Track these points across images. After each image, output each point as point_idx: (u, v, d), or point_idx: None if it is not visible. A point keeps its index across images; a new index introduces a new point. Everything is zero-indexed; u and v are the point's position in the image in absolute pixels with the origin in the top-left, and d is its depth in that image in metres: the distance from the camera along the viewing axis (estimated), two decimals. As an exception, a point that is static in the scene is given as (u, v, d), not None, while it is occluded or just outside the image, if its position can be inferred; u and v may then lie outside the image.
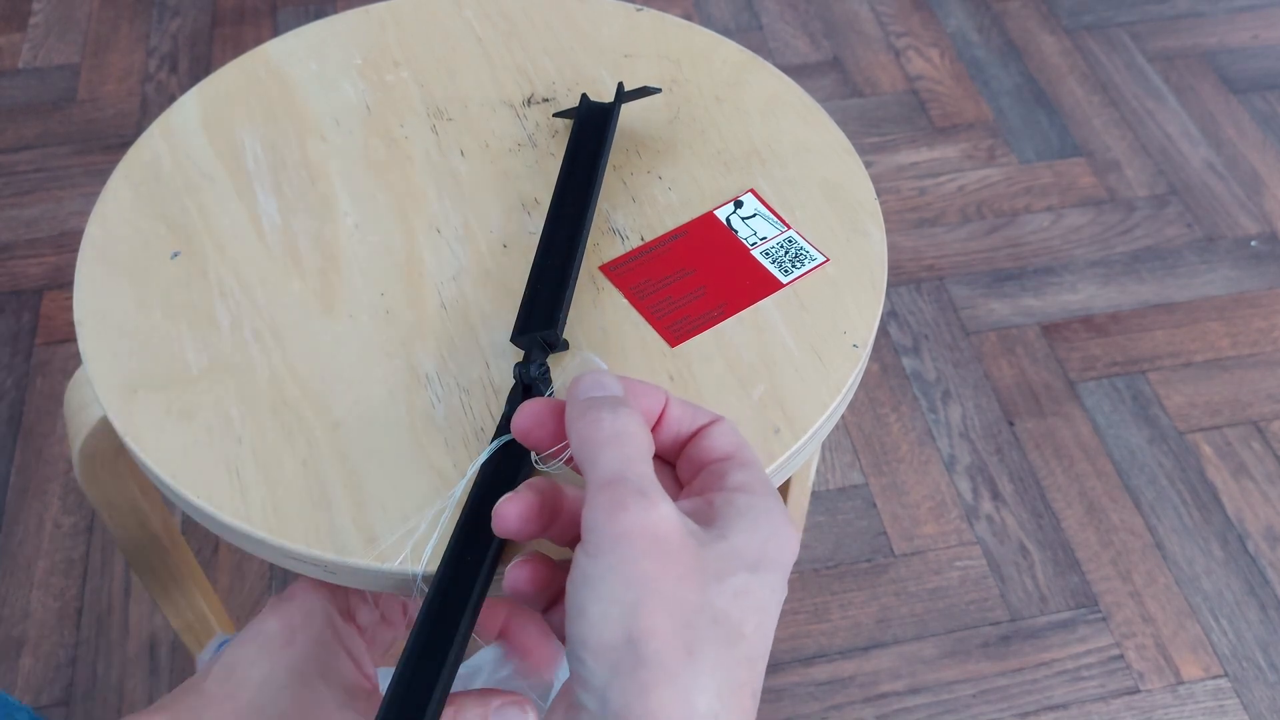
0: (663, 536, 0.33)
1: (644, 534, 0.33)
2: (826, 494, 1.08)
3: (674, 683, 0.32)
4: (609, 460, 0.35)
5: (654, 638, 0.32)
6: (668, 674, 0.32)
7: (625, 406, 0.37)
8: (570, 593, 0.33)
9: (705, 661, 0.33)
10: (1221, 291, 1.24)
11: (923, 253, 1.27)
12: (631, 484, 0.34)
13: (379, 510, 0.49)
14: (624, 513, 0.33)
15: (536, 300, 0.54)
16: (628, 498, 0.34)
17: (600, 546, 0.33)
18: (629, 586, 0.32)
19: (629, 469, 0.35)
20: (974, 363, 1.18)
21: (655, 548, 0.33)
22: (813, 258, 0.59)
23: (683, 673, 0.32)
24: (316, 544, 0.48)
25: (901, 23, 1.55)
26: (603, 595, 0.32)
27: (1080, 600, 1.01)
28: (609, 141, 0.61)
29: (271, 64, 0.69)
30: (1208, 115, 1.43)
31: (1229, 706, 0.95)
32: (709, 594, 0.33)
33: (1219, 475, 1.09)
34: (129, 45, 1.53)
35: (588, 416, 0.37)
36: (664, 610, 0.32)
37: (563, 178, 0.60)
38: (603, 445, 0.35)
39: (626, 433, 0.36)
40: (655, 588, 0.33)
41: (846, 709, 0.95)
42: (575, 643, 0.33)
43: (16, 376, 1.16)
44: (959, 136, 1.40)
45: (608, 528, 0.33)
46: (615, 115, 0.63)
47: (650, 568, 0.33)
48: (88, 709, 0.94)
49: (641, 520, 0.33)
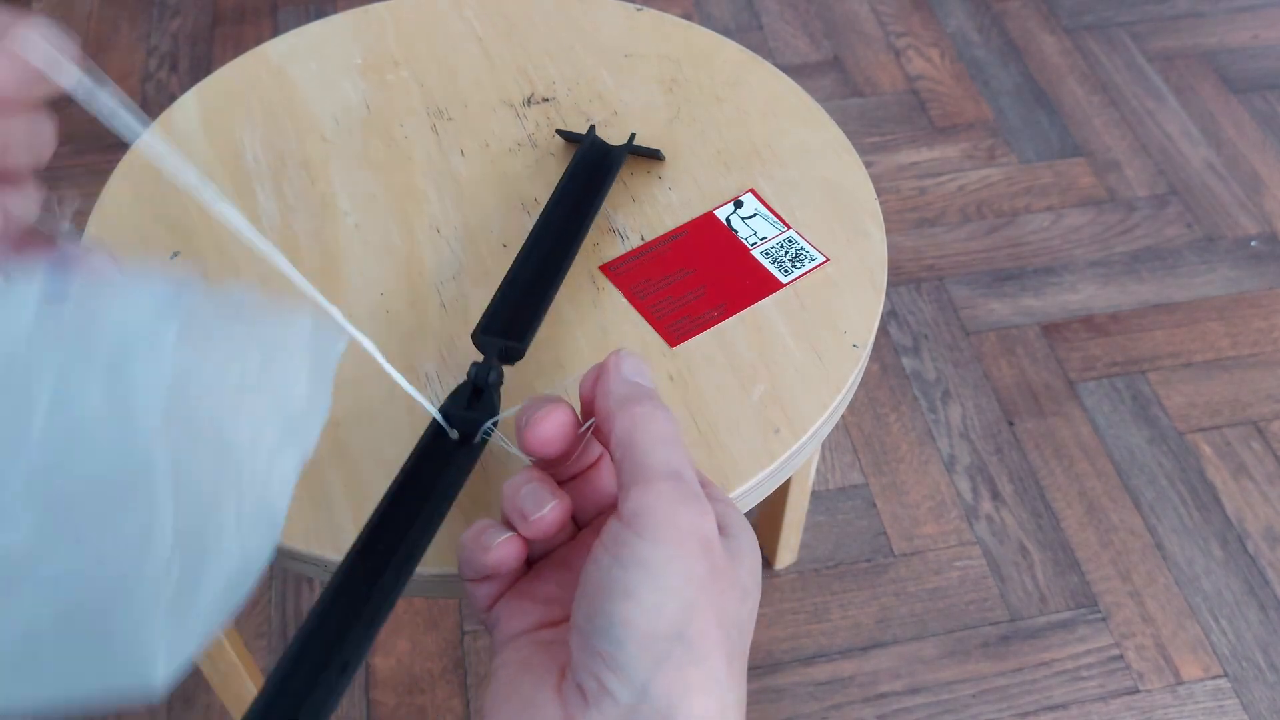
0: (714, 545, 0.34)
1: (701, 537, 0.33)
2: (826, 494, 1.08)
3: (717, 687, 0.32)
4: (668, 456, 0.35)
5: (705, 639, 0.32)
6: (714, 678, 0.32)
7: (668, 409, 0.37)
8: (616, 572, 0.32)
9: (737, 671, 0.33)
10: (1221, 291, 1.24)
11: (923, 253, 1.27)
12: (691, 485, 0.34)
13: (379, 510, 0.49)
14: (687, 509, 0.33)
15: (505, 305, 0.53)
16: (690, 496, 0.34)
17: (660, 535, 0.33)
18: (688, 582, 0.32)
19: (686, 471, 0.35)
20: (974, 363, 1.18)
21: (709, 554, 0.33)
22: (813, 258, 0.59)
23: (723, 678, 0.32)
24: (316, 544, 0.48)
25: (901, 23, 1.55)
26: (661, 585, 0.32)
27: (1080, 600, 1.01)
28: (605, 188, 0.60)
29: (271, 64, 0.69)
30: (1208, 115, 1.43)
31: (1229, 706, 0.95)
32: (740, 606, 0.34)
33: (1219, 475, 1.09)
34: (129, 45, 1.53)
35: (646, 404, 0.36)
36: (715, 615, 0.33)
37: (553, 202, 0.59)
38: (663, 439, 0.35)
39: (677, 436, 0.36)
40: (709, 593, 0.33)
41: (846, 709, 0.95)
42: (616, 624, 0.32)
43: (16, 376, 1.16)
44: (959, 136, 1.40)
45: (671, 518, 0.33)
46: (618, 164, 0.62)
47: (706, 571, 0.33)
48: (88, 709, 0.94)
49: (701, 523, 0.33)
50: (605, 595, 0.32)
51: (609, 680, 0.32)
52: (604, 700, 0.32)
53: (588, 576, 0.34)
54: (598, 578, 0.33)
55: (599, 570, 0.33)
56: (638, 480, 0.34)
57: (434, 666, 0.96)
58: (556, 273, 0.54)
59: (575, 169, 0.61)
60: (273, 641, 0.98)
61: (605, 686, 0.32)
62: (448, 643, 0.97)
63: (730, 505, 0.38)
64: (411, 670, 0.96)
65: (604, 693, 0.32)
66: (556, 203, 0.58)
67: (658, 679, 0.31)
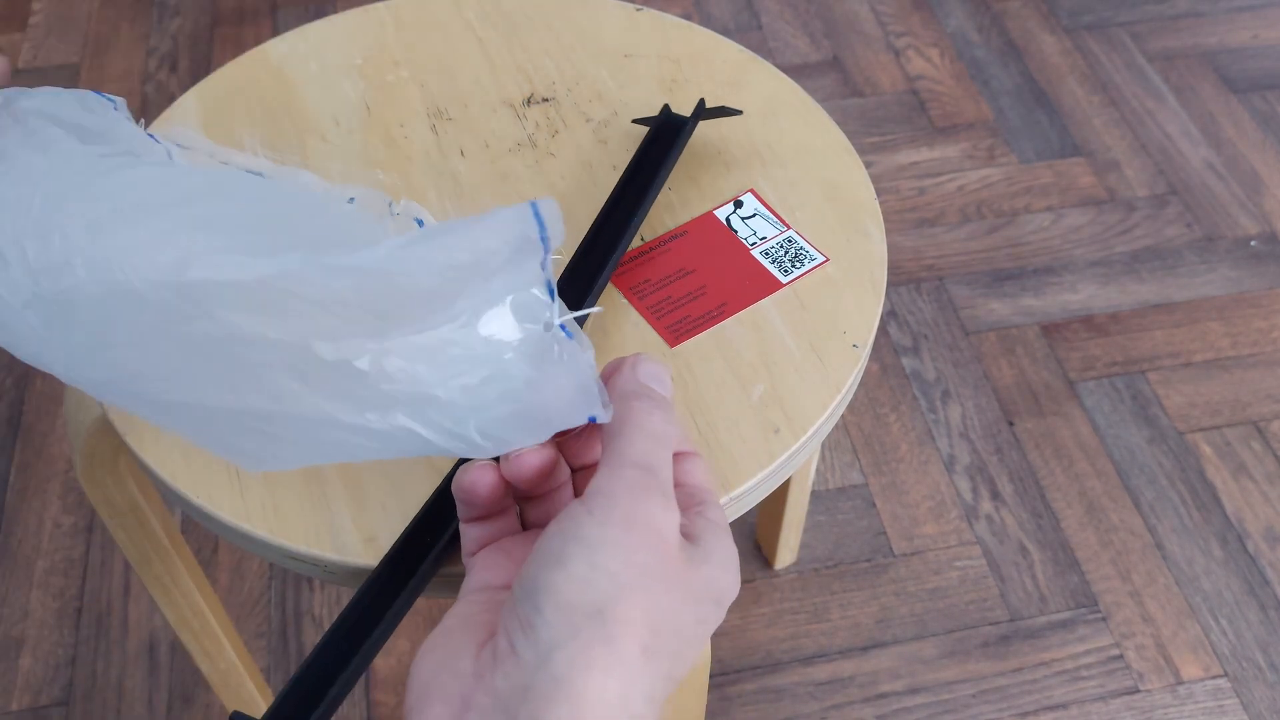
0: (667, 541, 0.34)
1: (654, 530, 0.34)
2: (826, 494, 1.08)
3: (622, 674, 0.32)
4: (647, 449, 0.35)
5: (626, 625, 0.32)
6: (621, 664, 0.32)
7: (674, 417, 0.38)
8: (557, 543, 0.33)
9: (655, 668, 0.33)
10: (1221, 291, 1.24)
11: (923, 253, 1.27)
12: (660, 481, 0.35)
13: (379, 510, 0.49)
14: (647, 500, 0.34)
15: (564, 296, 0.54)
16: (654, 490, 0.34)
17: (610, 517, 0.33)
18: (625, 567, 0.32)
19: (661, 469, 0.35)
20: (974, 363, 1.18)
21: (659, 548, 0.33)
22: (813, 258, 0.59)
23: (633, 669, 0.32)
24: (316, 544, 0.48)
25: (901, 23, 1.55)
26: (596, 561, 0.32)
27: (1080, 600, 1.01)
28: (672, 158, 0.60)
29: (271, 64, 0.69)
30: (1208, 115, 1.43)
31: (1229, 706, 0.95)
32: (682, 611, 0.34)
33: (1219, 475, 1.09)
34: (129, 45, 1.53)
35: (644, 402, 0.37)
36: (644, 606, 0.33)
37: (619, 187, 0.59)
38: (645, 433, 0.36)
39: (667, 438, 0.36)
40: (645, 583, 0.33)
41: (846, 709, 0.95)
42: (541, 590, 0.32)
43: (16, 376, 1.16)
44: (959, 136, 1.40)
45: (626, 504, 0.33)
46: (687, 133, 0.62)
47: (648, 563, 0.33)
48: (88, 709, 0.94)
49: (658, 516, 0.34)
50: (540, 562, 0.33)
51: (519, 641, 0.32)
52: (509, 661, 0.32)
53: (537, 544, 0.34)
54: (542, 545, 0.34)
55: (545, 539, 0.34)
56: (608, 463, 0.35)
57: (434, 666, 0.96)
58: (609, 256, 0.55)
59: (644, 150, 0.61)
60: (272, 641, 0.98)
61: (514, 647, 0.32)
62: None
63: (713, 522, 0.38)
64: (411, 670, 0.96)
65: (511, 654, 0.32)
66: (624, 186, 0.59)
67: (563, 649, 0.31)
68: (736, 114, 0.63)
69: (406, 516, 0.48)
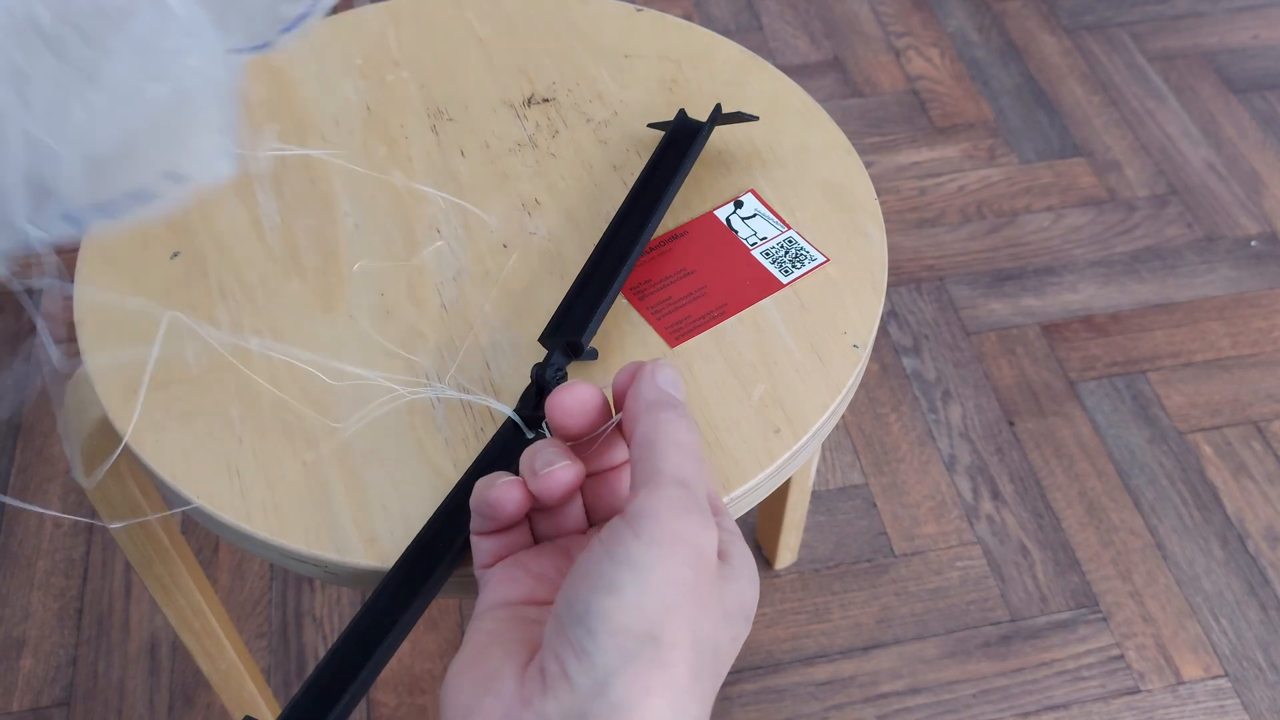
0: (708, 559, 0.34)
1: (698, 548, 0.33)
2: (826, 494, 1.08)
3: (676, 695, 0.32)
4: (685, 464, 0.35)
5: (676, 648, 0.32)
6: (672, 688, 0.32)
7: (695, 424, 0.37)
8: (607, 566, 0.33)
9: (700, 689, 0.33)
10: (1221, 291, 1.24)
11: (923, 253, 1.27)
12: (698, 497, 0.34)
13: (379, 510, 0.49)
14: (689, 518, 0.33)
15: (574, 306, 0.54)
16: (694, 507, 0.34)
17: (656, 537, 0.33)
18: (671, 587, 0.32)
19: (699, 483, 0.35)
20: (974, 363, 1.18)
21: (702, 567, 0.33)
22: (813, 258, 0.59)
23: (683, 692, 0.32)
24: (316, 544, 0.48)
25: (901, 23, 1.55)
26: (645, 584, 0.32)
27: (1080, 600, 1.01)
28: (688, 163, 0.60)
29: (272, 64, 0.69)
30: (1208, 115, 1.43)
31: (1229, 706, 0.95)
32: (720, 629, 0.34)
33: (1219, 475, 1.09)
34: (129, 45, 1.53)
35: (671, 412, 0.37)
36: (690, 627, 0.33)
37: (634, 193, 0.59)
38: (682, 448, 0.35)
39: (697, 449, 0.36)
40: (691, 602, 0.33)
41: (847, 709, 0.95)
42: (594, 614, 0.32)
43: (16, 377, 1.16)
44: (959, 136, 1.40)
45: (670, 523, 0.33)
46: (703, 138, 0.61)
47: (692, 581, 0.33)
48: (88, 709, 0.94)
49: (700, 535, 0.33)
50: (590, 585, 0.33)
51: (572, 667, 0.32)
52: (561, 686, 0.32)
53: (579, 565, 0.34)
54: (587, 567, 0.33)
55: (590, 560, 0.33)
56: (648, 482, 0.34)
57: (434, 666, 0.96)
58: (619, 267, 0.55)
59: (659, 154, 0.61)
60: (272, 641, 0.98)
61: (566, 672, 0.32)
62: (448, 643, 0.97)
63: (736, 536, 0.38)
64: (412, 670, 0.96)
65: (564, 678, 0.32)
66: (637, 194, 0.59)
67: (620, 675, 0.31)
68: (753, 120, 0.63)
69: (407, 517, 0.48)
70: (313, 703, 0.39)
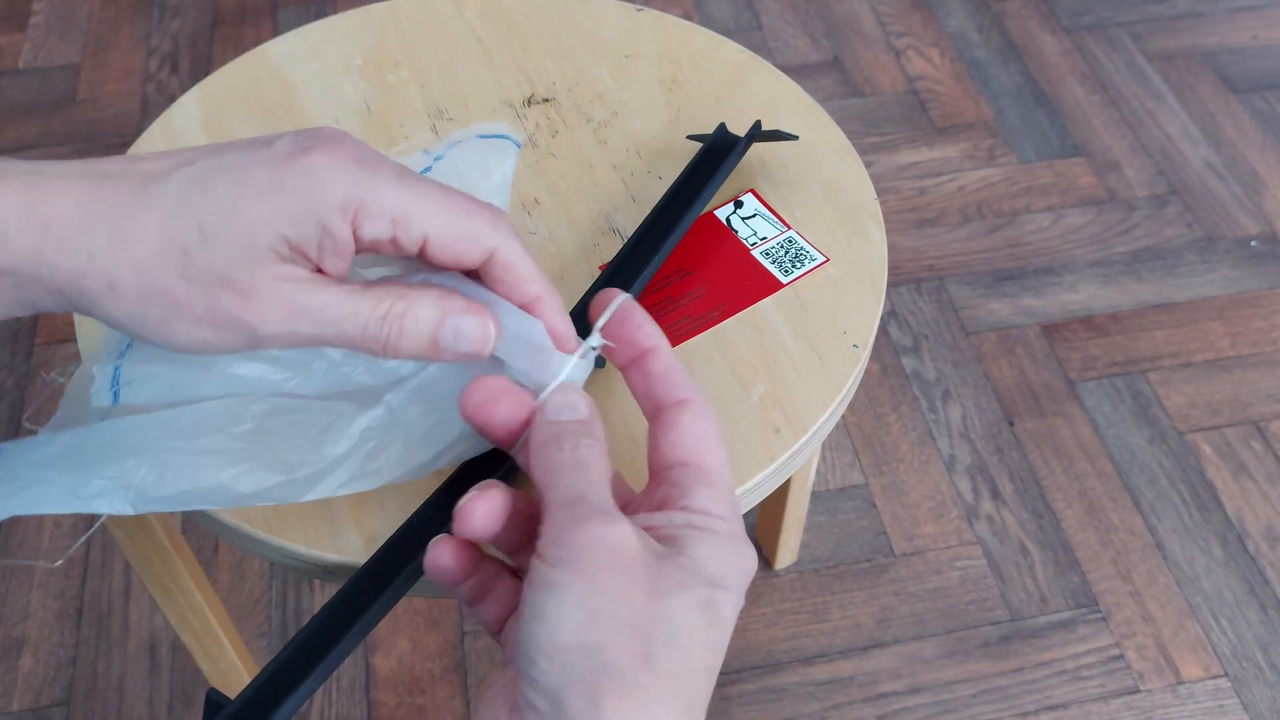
0: (622, 551, 0.34)
1: (605, 547, 0.34)
2: (826, 494, 1.08)
3: (633, 692, 0.32)
4: (570, 483, 0.36)
5: (610, 647, 0.33)
6: (626, 682, 0.32)
7: (588, 436, 0.38)
8: (529, 597, 0.34)
9: (663, 671, 0.33)
10: (1221, 291, 1.24)
11: (923, 253, 1.27)
12: (592, 503, 0.35)
13: (379, 510, 0.49)
14: (585, 526, 0.34)
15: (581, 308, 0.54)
16: (590, 514, 0.35)
17: (561, 558, 0.34)
18: (589, 595, 0.33)
19: (590, 491, 0.36)
20: (974, 363, 1.18)
21: (615, 562, 0.34)
22: (813, 258, 0.59)
23: (643, 682, 0.32)
24: (316, 544, 0.48)
25: (901, 23, 1.55)
26: (562, 600, 0.33)
27: (1080, 600, 1.01)
28: (720, 177, 0.59)
29: (271, 64, 0.69)
30: (1208, 115, 1.43)
31: (1229, 706, 0.95)
32: (669, 606, 0.34)
33: (1219, 475, 1.09)
34: (129, 45, 1.53)
35: (553, 444, 0.38)
36: (622, 620, 0.33)
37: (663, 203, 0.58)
38: (565, 470, 0.36)
39: (587, 462, 0.37)
40: (614, 599, 0.33)
41: (846, 709, 0.95)
42: (529, 644, 0.33)
43: (17, 376, 1.17)
44: (959, 136, 1.40)
45: (569, 540, 0.34)
46: (738, 154, 0.61)
47: (610, 580, 0.33)
48: (88, 709, 0.94)
49: (602, 534, 0.34)
50: (524, 621, 0.34)
51: (530, 697, 0.33)
52: (529, 716, 0.33)
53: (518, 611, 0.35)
54: (521, 609, 0.35)
55: (522, 601, 0.35)
56: (545, 515, 0.36)
57: (434, 666, 0.96)
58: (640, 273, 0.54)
59: (695, 164, 0.60)
60: (272, 642, 0.98)
61: (530, 703, 0.33)
62: (448, 643, 0.97)
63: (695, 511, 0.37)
64: (412, 670, 0.96)
65: (529, 708, 0.33)
66: (670, 199, 0.58)
67: (568, 690, 0.32)
68: (792, 139, 0.62)
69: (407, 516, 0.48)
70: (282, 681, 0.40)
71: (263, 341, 0.38)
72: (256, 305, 0.37)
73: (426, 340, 0.39)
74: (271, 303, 0.37)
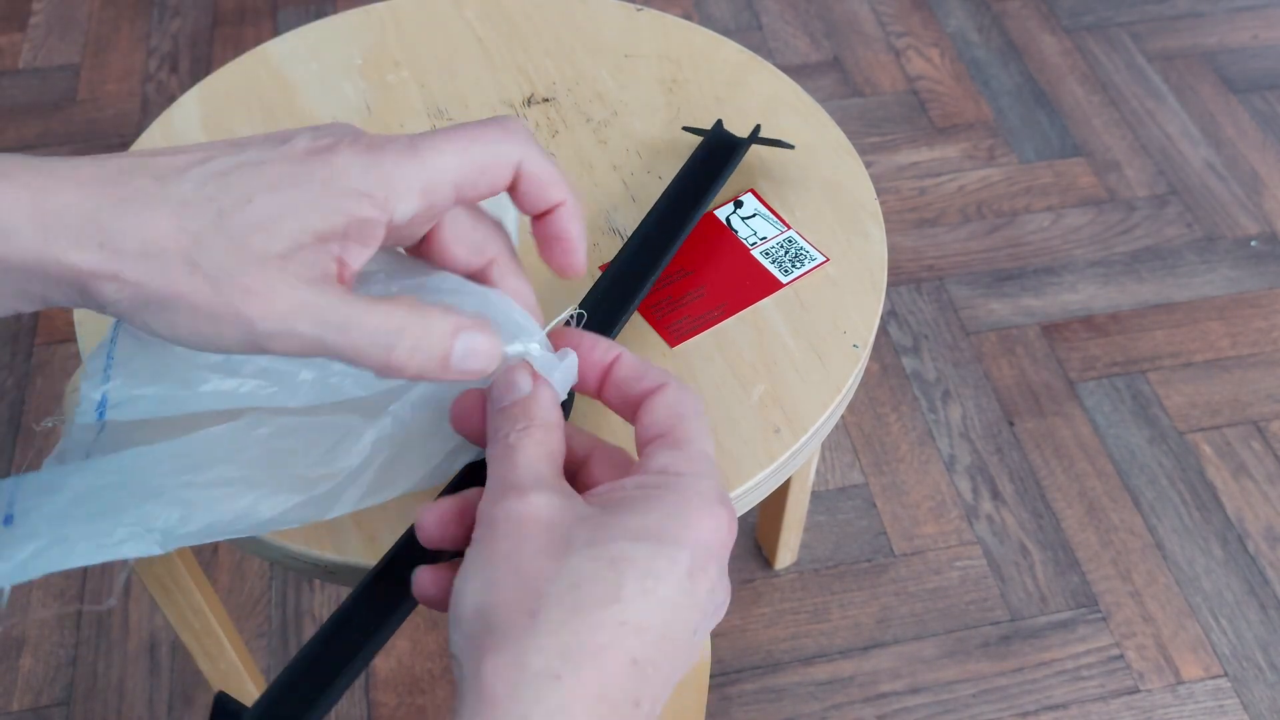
0: (528, 519, 0.35)
1: (509, 519, 0.35)
2: (826, 494, 1.08)
3: (508, 647, 0.33)
4: (496, 472, 0.37)
5: (499, 608, 0.34)
6: (503, 638, 0.33)
7: (524, 418, 0.39)
8: (458, 585, 0.36)
9: (549, 622, 0.33)
10: (1221, 291, 1.24)
11: (923, 253, 1.27)
12: (509, 482, 0.37)
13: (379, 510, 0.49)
14: (498, 504, 0.36)
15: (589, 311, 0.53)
16: (504, 492, 0.36)
17: (475, 536, 0.36)
18: (488, 565, 0.35)
19: (511, 473, 0.37)
20: (974, 363, 1.18)
21: (517, 530, 0.35)
22: (813, 258, 0.59)
23: (520, 636, 0.33)
24: (316, 544, 0.48)
25: (901, 23, 1.55)
26: (468, 575, 0.35)
27: (1080, 600, 1.01)
28: (721, 181, 0.59)
29: (271, 64, 0.69)
30: (1208, 115, 1.43)
31: (1229, 706, 0.95)
32: (572, 560, 0.34)
33: (1219, 475, 1.09)
34: (129, 45, 1.53)
35: (492, 437, 0.39)
36: (513, 582, 0.34)
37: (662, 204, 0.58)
38: (496, 461, 0.38)
39: (515, 446, 0.38)
40: (509, 563, 0.34)
41: (846, 709, 0.95)
42: (449, 620, 0.35)
43: (17, 376, 1.17)
44: (959, 136, 1.40)
45: (482, 519, 0.36)
46: (738, 156, 0.61)
47: (509, 546, 0.35)
48: (88, 709, 0.94)
49: (509, 507, 0.36)
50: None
51: (453, 669, 0.35)
52: (459, 685, 0.35)
53: None
54: None
55: None
56: None
57: (434, 667, 0.96)
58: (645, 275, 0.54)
59: (694, 163, 0.60)
60: (272, 642, 0.98)
61: (456, 675, 0.35)
62: (448, 643, 0.97)
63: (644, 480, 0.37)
64: (412, 670, 0.96)
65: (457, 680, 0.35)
66: (671, 199, 0.58)
67: (465, 652, 0.34)
68: (789, 147, 0.62)
69: (407, 517, 0.48)
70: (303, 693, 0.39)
71: (260, 340, 0.37)
72: (257, 299, 0.37)
73: (438, 358, 0.39)
74: (273, 297, 0.37)
